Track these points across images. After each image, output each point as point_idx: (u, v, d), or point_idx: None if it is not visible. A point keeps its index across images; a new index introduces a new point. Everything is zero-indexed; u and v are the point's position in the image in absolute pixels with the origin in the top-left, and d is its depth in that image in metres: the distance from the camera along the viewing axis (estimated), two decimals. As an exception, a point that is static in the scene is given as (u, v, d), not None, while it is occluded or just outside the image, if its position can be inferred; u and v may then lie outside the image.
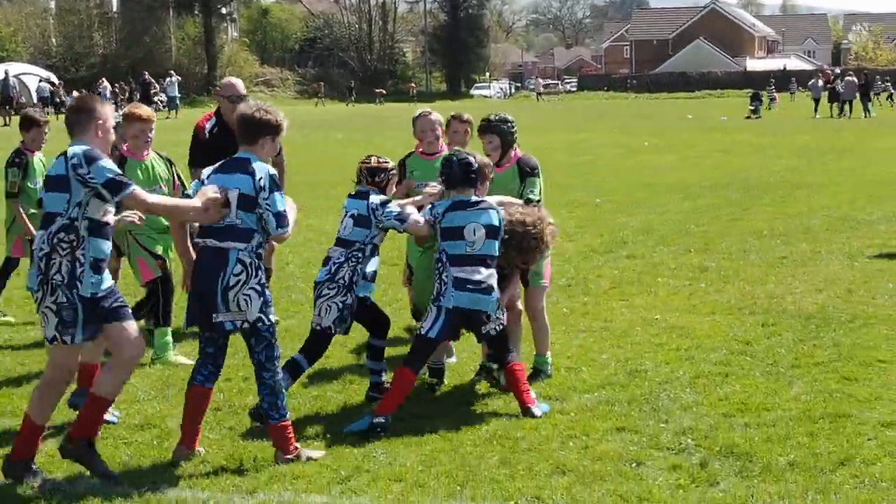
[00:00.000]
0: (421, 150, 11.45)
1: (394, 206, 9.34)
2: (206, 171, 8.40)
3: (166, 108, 69.21)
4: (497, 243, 9.22)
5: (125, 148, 11.04)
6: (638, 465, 8.10)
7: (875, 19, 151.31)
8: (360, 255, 9.43)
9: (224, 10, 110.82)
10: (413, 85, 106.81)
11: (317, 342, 9.64)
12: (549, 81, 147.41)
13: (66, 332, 7.72)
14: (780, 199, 24.32)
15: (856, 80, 66.12)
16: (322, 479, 7.92)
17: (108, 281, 7.83)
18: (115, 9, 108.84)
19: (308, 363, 9.65)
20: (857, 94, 63.89)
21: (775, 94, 77.81)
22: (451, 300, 9.11)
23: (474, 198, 9.24)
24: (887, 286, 14.41)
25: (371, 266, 9.59)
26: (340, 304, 9.40)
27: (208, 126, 12.01)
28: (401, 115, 69.37)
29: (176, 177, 11.41)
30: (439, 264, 9.25)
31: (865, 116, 61.60)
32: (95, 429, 8.10)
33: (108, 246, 7.84)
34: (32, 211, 12.52)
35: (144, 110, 11.29)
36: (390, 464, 8.18)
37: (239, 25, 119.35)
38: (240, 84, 12.15)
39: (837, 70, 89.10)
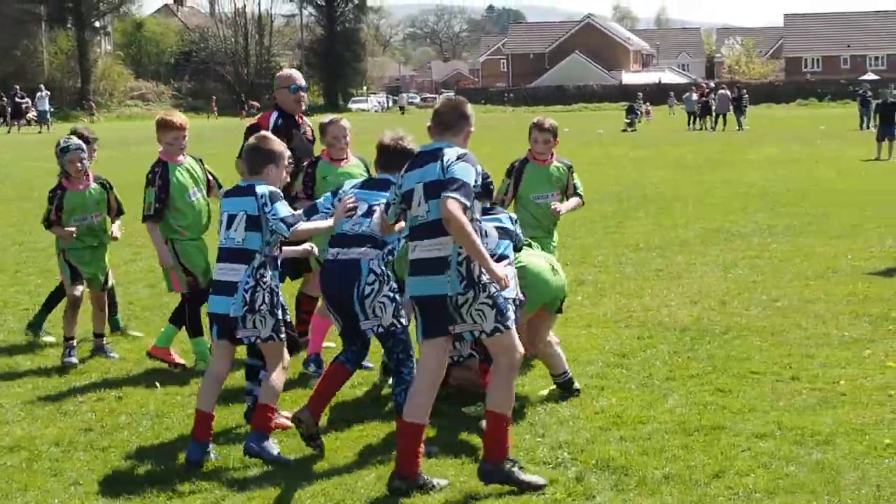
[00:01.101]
0: (329, 156, 11.49)
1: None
2: (348, 186, 9.15)
3: (37, 123, 68.03)
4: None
5: (161, 153, 11.45)
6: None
7: (747, 33, 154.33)
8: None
9: (98, 24, 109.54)
10: (252, 102, 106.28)
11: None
12: (427, 95, 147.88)
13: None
14: (655, 211, 24.58)
15: (729, 93, 67.29)
16: (196, 499, 7.79)
17: None
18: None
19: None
20: (731, 107, 65.07)
21: (648, 107, 78.73)
22: None
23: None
24: (761, 297, 14.60)
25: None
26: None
27: (272, 120, 11.74)
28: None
29: (210, 176, 11.83)
30: None
31: (739, 129, 62.66)
32: (506, 448, 8.00)
33: None
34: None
35: (178, 118, 11.58)
36: (268, 481, 8.07)
37: (113, 39, 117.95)
38: (298, 74, 12.01)
39: (712, 83, 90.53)
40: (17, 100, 71.55)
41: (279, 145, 8.84)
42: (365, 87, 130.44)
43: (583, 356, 11.63)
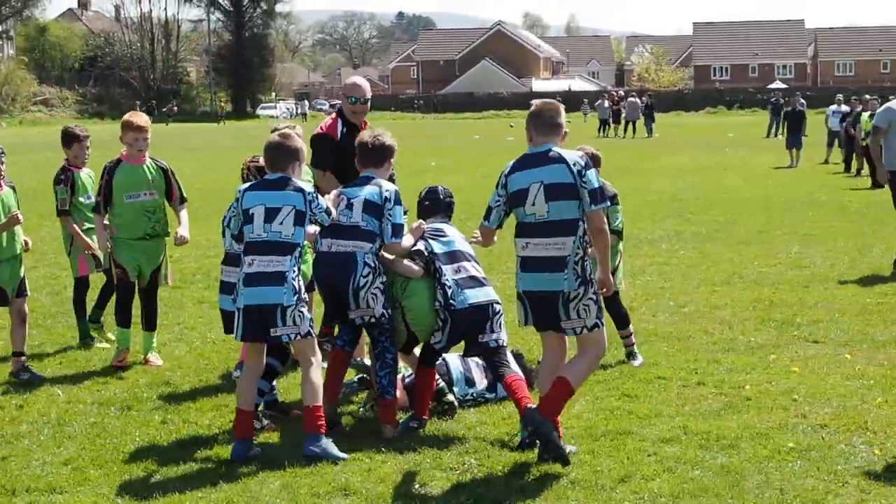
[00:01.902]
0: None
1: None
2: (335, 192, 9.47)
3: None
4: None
5: (123, 154, 11.73)
6: (422, 486, 8.04)
7: (656, 41, 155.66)
8: None
9: (0, 28, 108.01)
10: (221, 106, 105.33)
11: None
12: (336, 101, 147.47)
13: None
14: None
15: (639, 101, 67.84)
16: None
17: None
18: None
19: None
20: (642, 115, 65.57)
21: None
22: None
23: None
24: (668, 303, 14.69)
25: None
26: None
27: (339, 129, 11.42)
28: (188, 135, 69.04)
29: (175, 185, 12.06)
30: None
31: (648, 136, 63.18)
32: (557, 414, 8.59)
33: None
34: (88, 226, 12.56)
35: (139, 119, 11.88)
36: (167, 490, 7.95)
37: (15, 43, 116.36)
38: (365, 85, 11.71)
39: (622, 91, 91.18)
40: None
41: (302, 144, 9.17)
42: (273, 94, 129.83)
43: (491, 362, 11.58)
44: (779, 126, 55.72)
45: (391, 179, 9.79)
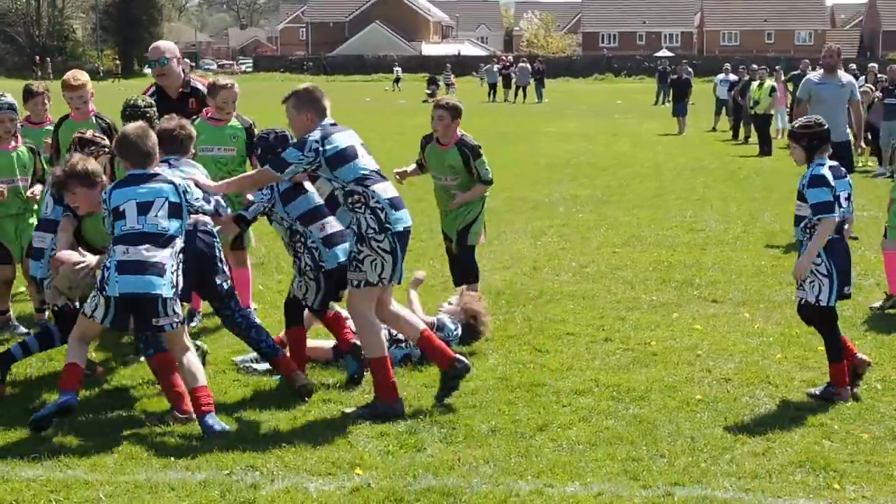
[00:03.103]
0: (210, 115, 11.73)
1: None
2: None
3: None
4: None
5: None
6: (346, 434, 8.33)
7: (545, 8, 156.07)
8: None
9: None
10: (117, 63, 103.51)
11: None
12: (225, 61, 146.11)
13: None
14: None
15: (529, 66, 68.27)
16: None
17: None
18: None
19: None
20: (532, 80, 66.00)
21: (452, 79, 78.77)
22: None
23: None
24: (570, 264, 15.09)
25: None
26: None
27: (151, 92, 11.73)
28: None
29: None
30: None
31: (538, 101, 63.65)
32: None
33: None
34: None
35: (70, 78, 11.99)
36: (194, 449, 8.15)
37: None
38: (164, 47, 11.76)
39: (510, 56, 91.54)
40: None
41: (154, 137, 8.96)
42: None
43: (402, 318, 11.87)
44: (666, 94, 56.48)
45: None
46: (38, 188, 11.18)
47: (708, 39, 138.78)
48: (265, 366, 9.91)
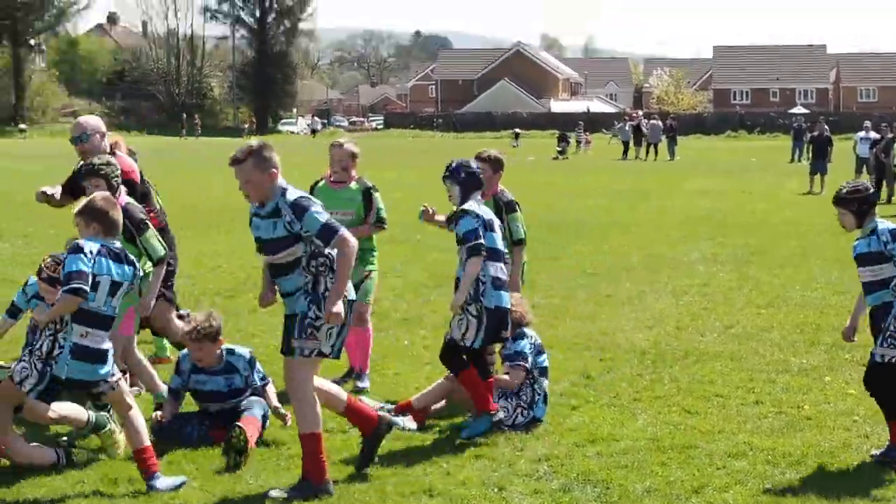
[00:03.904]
0: (331, 178, 11.63)
1: None
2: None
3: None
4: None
5: None
6: (501, 490, 8.36)
7: (674, 64, 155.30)
8: None
9: (32, 42, 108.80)
10: (253, 120, 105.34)
11: None
12: (355, 118, 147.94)
13: None
14: (595, 238, 24.91)
15: (661, 123, 67.93)
16: None
17: None
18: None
19: None
20: (664, 137, 65.63)
21: (587, 136, 78.08)
22: None
23: None
24: (715, 324, 14.94)
25: None
26: None
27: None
28: (218, 149, 69.21)
29: None
30: None
31: (670, 159, 63.18)
32: None
33: None
34: None
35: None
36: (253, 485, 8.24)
37: (47, 56, 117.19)
38: (83, 123, 11.54)
39: (640, 113, 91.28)
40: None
41: (119, 212, 8.69)
42: (294, 110, 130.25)
43: (549, 376, 11.85)
44: (802, 151, 55.78)
45: None
46: None
47: (844, 95, 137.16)
48: (411, 422, 9.99)
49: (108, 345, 8.31)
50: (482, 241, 9.68)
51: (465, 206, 9.85)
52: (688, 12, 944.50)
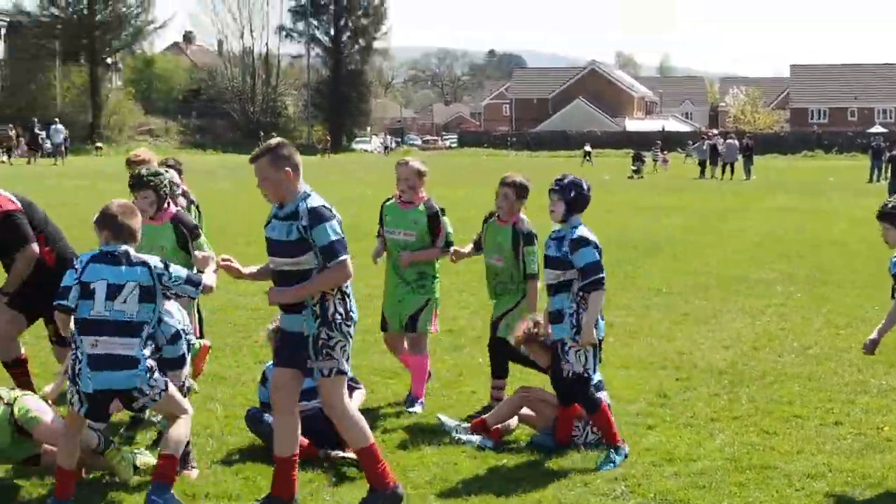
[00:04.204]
0: (400, 197, 11.55)
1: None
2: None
3: (52, 155, 68.62)
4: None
5: None
6: (571, 512, 8.34)
7: (750, 83, 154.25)
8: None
9: (109, 60, 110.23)
10: (327, 138, 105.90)
11: None
12: (429, 137, 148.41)
13: None
14: (671, 257, 24.80)
15: (737, 142, 67.43)
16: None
17: None
18: (1, 56, 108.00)
19: None
20: (740, 156, 65.15)
21: (664, 154, 77.26)
22: None
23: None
24: (792, 345, 14.82)
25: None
26: None
27: None
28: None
29: None
30: None
31: (747, 178, 62.58)
32: None
33: None
34: None
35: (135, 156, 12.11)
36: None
37: (123, 75, 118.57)
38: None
39: (715, 132, 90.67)
40: (35, 132, 72.28)
41: (136, 214, 8.64)
42: (369, 128, 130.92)
43: (624, 395, 11.86)
44: (880, 171, 55.22)
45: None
46: None
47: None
48: (486, 440, 10.02)
49: (134, 351, 8.07)
50: (604, 274, 9.58)
51: (585, 235, 9.62)
52: (764, 30, 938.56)
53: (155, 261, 8.33)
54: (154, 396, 8.21)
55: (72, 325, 8.22)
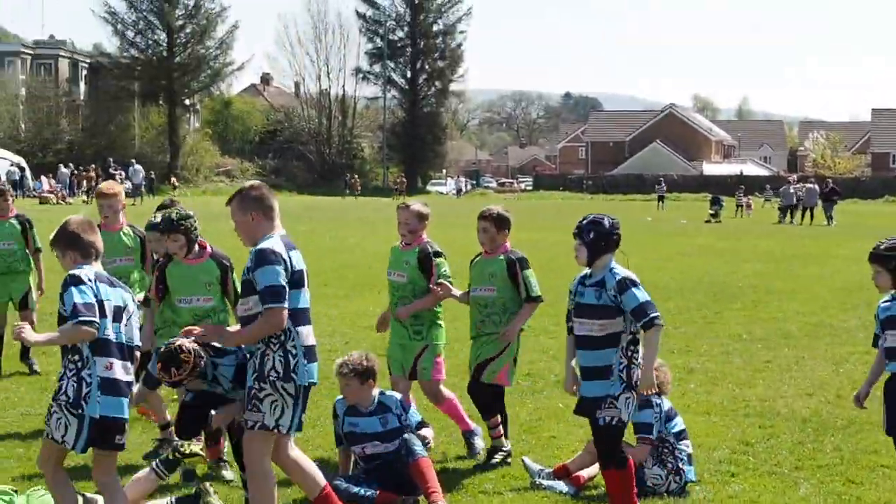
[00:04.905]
0: (402, 240, 11.57)
1: None
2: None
3: (131, 196, 69.53)
4: None
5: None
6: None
7: (829, 127, 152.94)
8: None
9: (187, 101, 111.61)
10: (403, 180, 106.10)
11: None
12: (504, 179, 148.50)
13: None
14: (751, 303, 24.55)
15: (817, 187, 66.70)
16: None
17: None
18: (82, 97, 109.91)
19: None
20: (820, 201, 64.43)
21: (747, 199, 76.14)
22: None
23: None
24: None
25: None
26: None
27: None
28: (375, 209, 70.13)
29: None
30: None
31: (828, 224, 61.78)
32: None
33: None
34: None
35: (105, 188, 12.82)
36: None
37: (201, 116, 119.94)
38: None
39: (794, 177, 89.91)
40: (110, 171, 73.50)
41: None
42: (444, 171, 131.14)
43: (707, 442, 11.75)
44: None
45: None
46: None
47: None
48: (563, 485, 9.96)
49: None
50: (658, 313, 8.78)
51: (628, 274, 8.86)
52: (843, 74, 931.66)
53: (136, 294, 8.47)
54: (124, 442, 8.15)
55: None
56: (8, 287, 14.79)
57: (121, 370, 7.91)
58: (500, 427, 11.14)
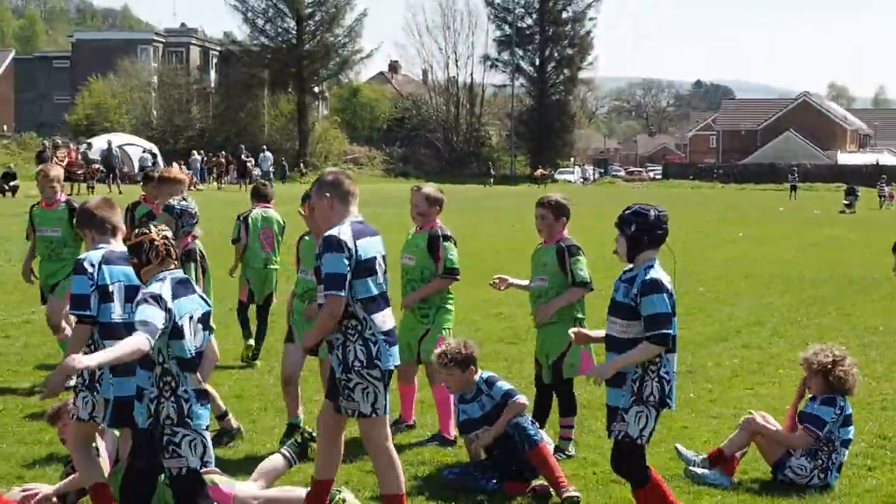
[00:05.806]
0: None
1: None
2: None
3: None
4: None
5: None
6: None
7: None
8: None
9: (316, 89, 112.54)
10: (544, 171, 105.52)
11: None
12: (632, 168, 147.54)
13: None
14: (888, 295, 23.99)
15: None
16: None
17: None
18: (213, 84, 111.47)
19: None
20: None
21: (892, 190, 74.30)
22: None
23: None
24: None
25: None
26: None
27: None
28: (510, 197, 69.92)
29: None
30: None
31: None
32: None
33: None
34: None
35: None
36: None
37: (330, 104, 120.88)
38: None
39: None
40: (243, 158, 74.55)
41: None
42: (572, 159, 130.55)
43: (843, 436, 11.46)
44: None
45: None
46: None
47: None
48: (715, 475, 9.81)
49: None
50: (673, 332, 8.02)
51: (658, 278, 8.05)
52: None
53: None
54: None
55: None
56: (50, 272, 13.88)
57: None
58: (574, 429, 10.96)
